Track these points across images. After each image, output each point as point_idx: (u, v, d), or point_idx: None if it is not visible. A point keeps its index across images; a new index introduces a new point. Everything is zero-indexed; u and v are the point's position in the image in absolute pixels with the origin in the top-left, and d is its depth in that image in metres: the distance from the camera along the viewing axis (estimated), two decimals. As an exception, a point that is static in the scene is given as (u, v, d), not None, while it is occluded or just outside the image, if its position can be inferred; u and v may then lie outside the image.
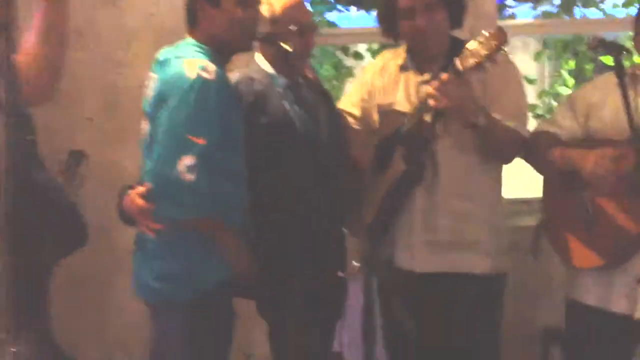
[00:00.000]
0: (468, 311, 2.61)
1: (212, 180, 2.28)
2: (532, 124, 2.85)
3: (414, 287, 2.65)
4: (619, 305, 2.42)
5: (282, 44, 2.46)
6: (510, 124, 2.54)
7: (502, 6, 5.83)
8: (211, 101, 2.28)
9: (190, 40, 2.42)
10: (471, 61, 2.39)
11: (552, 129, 2.61)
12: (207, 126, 2.27)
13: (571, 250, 2.51)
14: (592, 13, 6.10)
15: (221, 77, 2.34)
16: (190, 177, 2.23)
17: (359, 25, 5.97)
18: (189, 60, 2.32)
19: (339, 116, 2.73)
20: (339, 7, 6.08)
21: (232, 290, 2.43)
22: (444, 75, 2.42)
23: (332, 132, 2.61)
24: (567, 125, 2.57)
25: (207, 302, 2.36)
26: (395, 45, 2.79)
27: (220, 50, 2.40)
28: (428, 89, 2.47)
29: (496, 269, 2.64)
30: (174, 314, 2.37)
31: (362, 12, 6.06)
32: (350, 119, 2.79)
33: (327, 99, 2.70)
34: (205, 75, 2.28)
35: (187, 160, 2.24)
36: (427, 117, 2.54)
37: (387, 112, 2.64)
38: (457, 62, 2.42)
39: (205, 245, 2.36)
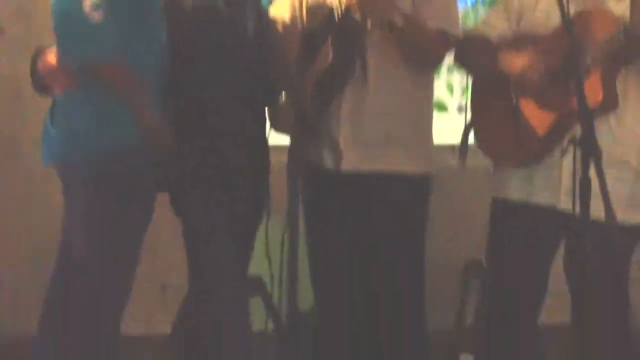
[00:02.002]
0: (393, 211, 2.62)
1: (119, 23, 2.21)
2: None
3: (339, 186, 2.63)
4: (542, 196, 2.44)
5: None
6: (438, 25, 2.54)
7: None
8: None
9: None
10: None
11: (485, 30, 2.62)
12: None
13: (497, 147, 2.55)
14: None
15: None
16: (96, 15, 2.16)
17: None
18: None
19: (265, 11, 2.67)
20: None
21: (148, 160, 2.33)
22: None
23: (258, 25, 2.53)
24: (500, 25, 2.58)
25: (115, 167, 2.27)
26: None
27: None
28: None
29: (422, 169, 2.66)
30: (82, 179, 2.29)
31: None
32: (279, 25, 2.70)
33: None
34: None
35: None
36: (357, 14, 2.49)
37: (316, 6, 2.59)
38: None
39: (114, 105, 2.27)
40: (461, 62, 2.70)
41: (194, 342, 2.63)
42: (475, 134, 2.63)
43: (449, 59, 2.74)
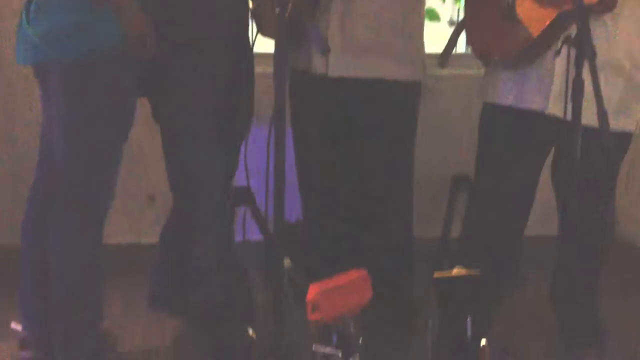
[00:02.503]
0: (383, 115, 2.61)
1: None
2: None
3: (327, 91, 2.62)
4: (532, 101, 2.40)
5: None
6: None
7: None
8: None
9: None
10: None
11: None
12: None
13: (489, 48, 2.50)
14: None
15: None
16: None
17: None
18: None
19: None
20: None
21: (129, 61, 2.27)
22: None
23: None
24: None
25: (95, 68, 2.21)
26: None
27: None
28: None
29: (411, 76, 2.63)
30: (62, 78, 2.23)
31: None
32: None
33: None
34: None
35: None
36: None
37: None
38: None
39: (95, 5, 2.20)
40: None
41: (179, 251, 2.64)
42: (467, 34, 2.59)
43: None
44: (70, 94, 2.22)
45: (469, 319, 2.30)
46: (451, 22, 4.05)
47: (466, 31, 2.60)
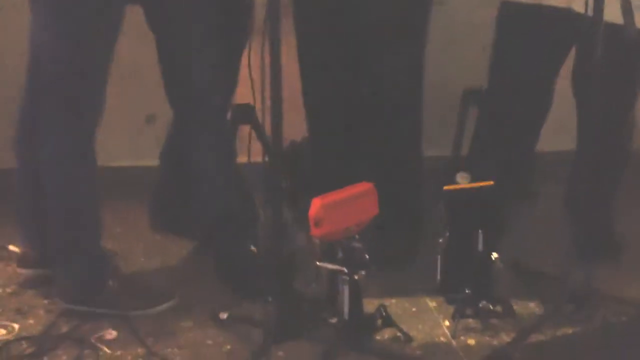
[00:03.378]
0: (391, 17, 2.47)
1: None
2: None
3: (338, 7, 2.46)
4: None
5: None
6: None
7: None
8: None
9: None
10: None
11: None
12: None
13: None
14: None
15: None
16: None
17: None
18: None
19: None
20: None
21: None
22: None
23: None
24: None
25: None
26: None
27: None
28: None
29: None
30: None
31: None
32: None
33: None
34: None
35: None
36: None
37: None
38: None
39: None
40: None
41: (180, 169, 2.56)
42: None
43: None
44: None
45: (479, 233, 2.22)
46: None
47: None
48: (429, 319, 2.33)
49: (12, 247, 2.55)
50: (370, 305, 2.20)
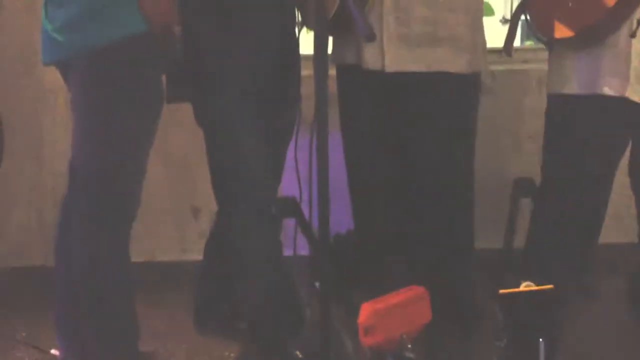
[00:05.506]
0: (441, 110, 2.40)
1: None
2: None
3: (381, 87, 2.41)
4: (610, 85, 2.19)
5: None
6: None
7: None
8: None
9: None
10: None
11: None
12: None
13: (552, 20, 2.29)
14: None
15: None
16: None
17: None
18: None
19: None
20: None
21: (153, 51, 2.14)
22: None
23: None
24: None
25: (119, 56, 2.08)
26: None
27: None
28: None
29: (473, 67, 2.43)
30: (82, 71, 2.11)
31: None
32: None
33: None
34: None
35: None
36: None
37: None
38: None
39: None
40: None
41: (225, 266, 2.51)
42: (529, 9, 2.39)
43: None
44: (90, 86, 2.10)
45: (541, 341, 2.07)
46: (504, 20, 3.89)
47: (528, 6, 2.40)
48: None
49: (54, 351, 2.50)
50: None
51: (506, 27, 2.95)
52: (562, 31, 2.26)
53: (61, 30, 2.08)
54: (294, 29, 2.48)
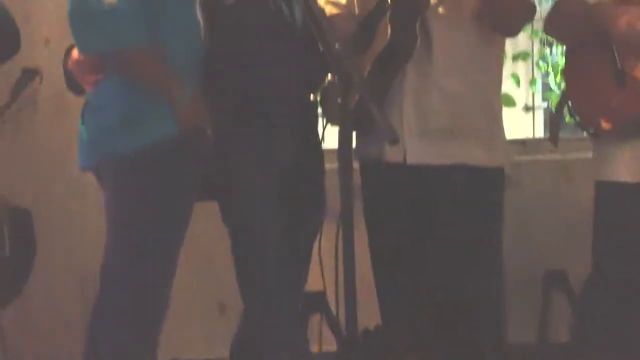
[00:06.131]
0: (466, 206, 2.37)
1: (145, 8, 2.06)
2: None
3: (404, 182, 2.39)
4: None
5: None
6: None
7: None
8: None
9: None
10: None
11: None
12: None
13: (597, 113, 2.35)
14: None
15: None
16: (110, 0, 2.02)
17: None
18: None
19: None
20: None
21: (184, 154, 2.16)
22: None
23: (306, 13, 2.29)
24: None
25: (151, 161, 2.11)
26: None
27: None
28: None
29: (496, 161, 2.40)
30: (114, 176, 2.14)
31: None
32: (333, 8, 2.48)
33: None
34: None
35: None
36: None
37: None
38: None
39: (147, 94, 2.11)
40: (554, 26, 2.50)
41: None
42: (573, 104, 2.43)
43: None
44: (123, 191, 2.13)
45: None
46: (527, 108, 3.90)
47: (571, 101, 2.43)
48: None
49: None
50: None
51: (528, 116, 2.99)
52: (606, 122, 2.32)
53: (97, 136, 2.13)
54: (316, 127, 2.53)
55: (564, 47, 2.58)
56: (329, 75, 2.02)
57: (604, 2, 2.36)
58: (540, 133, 3.27)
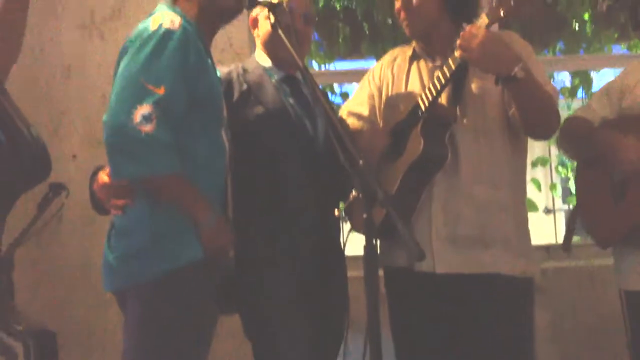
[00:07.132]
0: (496, 316, 2.30)
1: (176, 136, 2.05)
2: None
3: (434, 290, 2.33)
4: None
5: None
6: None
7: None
8: (172, 49, 2.07)
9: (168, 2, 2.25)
10: (487, 18, 2.17)
11: (587, 115, 2.54)
12: (166, 74, 2.05)
13: (605, 223, 2.44)
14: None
15: (188, 31, 2.13)
16: (147, 128, 2.00)
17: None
18: (156, 15, 2.15)
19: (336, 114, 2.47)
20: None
21: (209, 275, 2.14)
22: (469, 27, 2.18)
23: (329, 129, 2.34)
24: (601, 111, 2.52)
25: (177, 285, 2.07)
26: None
27: (205, 16, 2.22)
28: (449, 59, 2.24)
29: (524, 269, 2.34)
30: (140, 301, 2.08)
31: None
32: (355, 120, 2.56)
33: (324, 97, 2.45)
34: (168, 25, 2.10)
35: (144, 110, 2.01)
36: (443, 100, 2.33)
37: (400, 97, 2.44)
38: (480, 18, 2.20)
39: (174, 219, 2.09)
40: (562, 144, 2.60)
41: None
42: (584, 222, 2.50)
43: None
44: (145, 317, 2.07)
45: None
46: (547, 210, 3.88)
47: (582, 219, 2.50)
48: None
49: None
50: None
51: (549, 219, 2.97)
52: (615, 232, 2.37)
53: (119, 260, 2.10)
54: (339, 242, 2.53)
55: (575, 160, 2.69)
56: (353, 191, 2.03)
57: (606, 128, 2.46)
58: (559, 239, 3.27)
